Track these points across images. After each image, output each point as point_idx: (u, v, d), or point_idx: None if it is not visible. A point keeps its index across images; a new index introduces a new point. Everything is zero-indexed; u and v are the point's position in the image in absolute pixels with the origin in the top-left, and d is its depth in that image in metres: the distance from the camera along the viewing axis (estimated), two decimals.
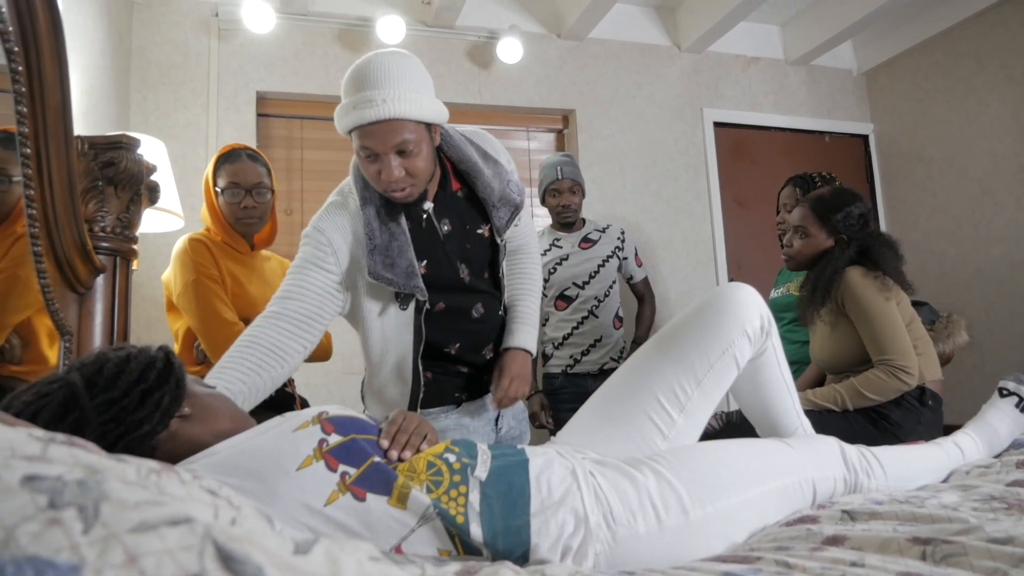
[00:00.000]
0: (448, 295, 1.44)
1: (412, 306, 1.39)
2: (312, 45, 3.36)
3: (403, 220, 1.38)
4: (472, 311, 1.49)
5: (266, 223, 1.91)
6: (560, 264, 2.78)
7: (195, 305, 1.72)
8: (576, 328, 2.73)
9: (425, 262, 1.40)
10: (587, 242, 2.81)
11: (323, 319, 1.37)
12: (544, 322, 2.84)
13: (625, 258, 2.84)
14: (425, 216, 1.41)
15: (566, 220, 2.79)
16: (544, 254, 2.81)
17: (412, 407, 1.46)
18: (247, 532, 0.48)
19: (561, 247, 2.80)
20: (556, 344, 2.79)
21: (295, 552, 0.49)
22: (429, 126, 1.32)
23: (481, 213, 1.48)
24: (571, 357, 2.74)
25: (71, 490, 0.42)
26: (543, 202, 2.85)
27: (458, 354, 1.50)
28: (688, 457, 1.08)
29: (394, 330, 1.42)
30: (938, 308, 2.27)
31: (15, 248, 1.19)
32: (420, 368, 1.43)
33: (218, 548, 0.42)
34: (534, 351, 1.56)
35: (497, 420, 1.61)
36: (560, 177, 2.74)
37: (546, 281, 2.79)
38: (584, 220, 2.88)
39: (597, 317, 2.72)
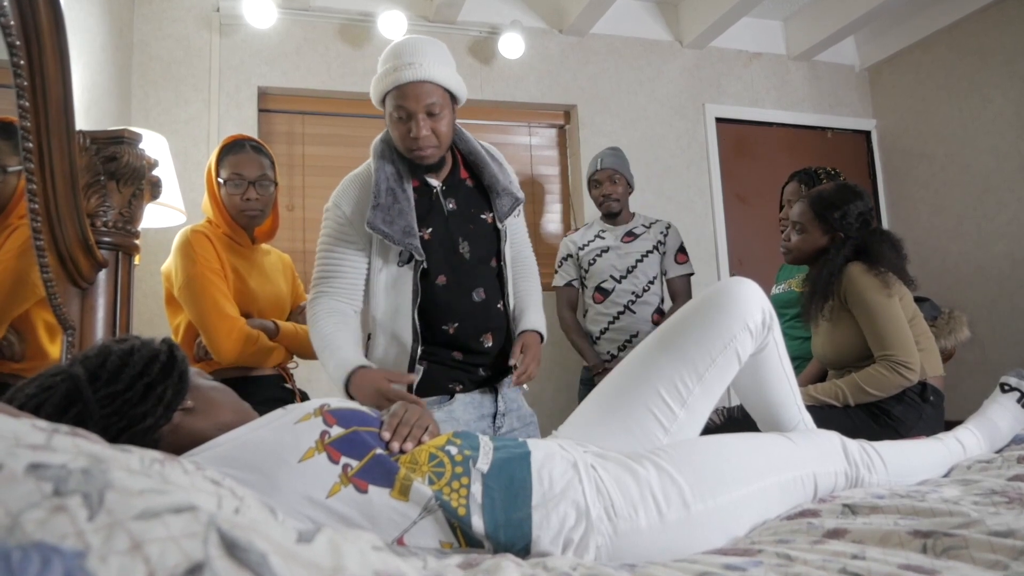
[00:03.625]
0: (449, 270, 1.56)
1: (412, 267, 1.53)
2: (314, 40, 3.36)
3: (410, 190, 1.54)
4: (473, 293, 1.59)
5: (268, 216, 1.90)
6: (600, 256, 2.76)
7: (197, 299, 1.70)
8: (612, 323, 2.71)
9: (430, 230, 1.55)
10: (630, 236, 2.79)
11: (360, 285, 1.57)
12: (583, 315, 2.84)
13: (664, 253, 2.80)
14: (434, 192, 1.58)
15: (609, 210, 2.79)
16: (586, 246, 2.83)
17: (411, 363, 1.55)
18: (251, 521, 0.48)
19: (604, 238, 2.80)
20: (594, 338, 2.77)
21: (298, 541, 0.50)
22: (453, 99, 1.52)
23: (485, 201, 1.64)
24: (608, 352, 2.73)
25: (76, 478, 0.42)
26: (591, 194, 2.87)
27: (456, 334, 1.57)
28: (690, 451, 1.08)
29: (396, 287, 1.56)
30: (940, 304, 2.27)
31: (11, 240, 1.19)
32: (417, 325, 1.53)
33: (222, 535, 0.42)
34: (545, 336, 1.69)
35: (495, 418, 1.61)
36: (600, 167, 2.75)
37: (586, 272, 2.79)
38: (634, 214, 2.86)
39: (634, 313, 2.70)
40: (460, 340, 1.58)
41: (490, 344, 1.61)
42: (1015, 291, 3.52)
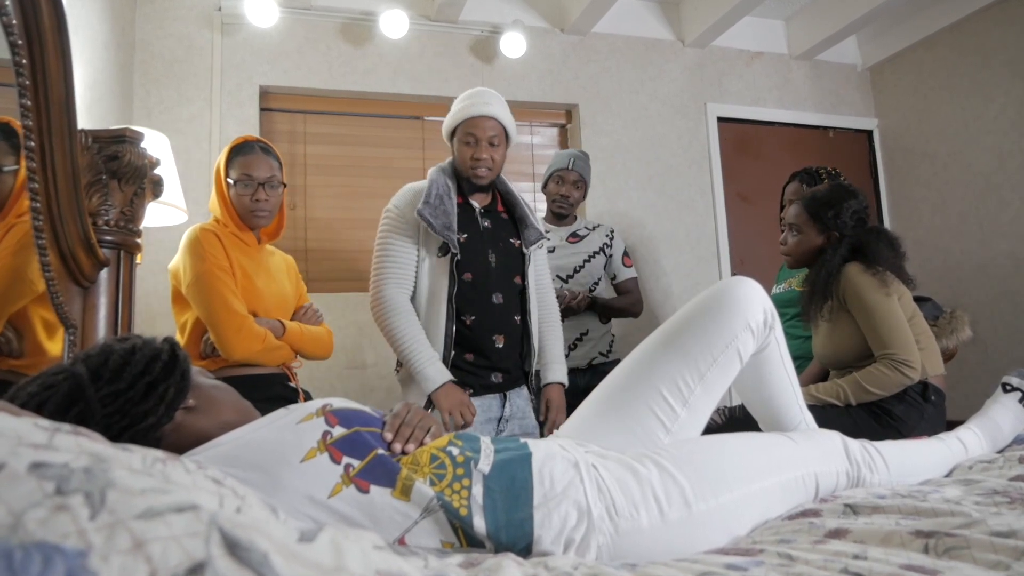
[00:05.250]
0: (475, 270, 1.87)
1: (449, 258, 1.83)
2: (315, 39, 3.36)
3: (455, 202, 1.89)
4: (492, 296, 1.88)
5: (275, 217, 1.92)
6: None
7: (206, 295, 1.71)
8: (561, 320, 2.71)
9: (465, 236, 1.88)
10: (575, 237, 2.78)
11: (412, 271, 1.88)
12: None
13: (611, 256, 2.79)
14: (475, 211, 1.94)
15: (561, 210, 2.77)
16: None
17: (447, 341, 1.82)
18: (252, 520, 0.48)
19: (549, 238, 2.78)
20: None
21: (300, 540, 0.50)
22: (508, 139, 1.96)
23: (515, 231, 1.99)
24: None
25: (78, 477, 0.42)
26: (544, 187, 2.83)
27: (472, 327, 1.85)
28: (691, 450, 1.08)
29: (434, 274, 1.86)
30: (942, 304, 2.27)
31: (8, 237, 1.19)
32: (454, 306, 1.83)
33: (224, 535, 0.42)
34: (567, 383, 2.00)
35: (499, 423, 1.77)
36: (570, 167, 2.73)
37: None
38: (576, 217, 2.86)
39: (583, 309, 2.71)
40: (475, 335, 1.85)
41: (501, 345, 1.87)
42: (1017, 290, 3.51)
